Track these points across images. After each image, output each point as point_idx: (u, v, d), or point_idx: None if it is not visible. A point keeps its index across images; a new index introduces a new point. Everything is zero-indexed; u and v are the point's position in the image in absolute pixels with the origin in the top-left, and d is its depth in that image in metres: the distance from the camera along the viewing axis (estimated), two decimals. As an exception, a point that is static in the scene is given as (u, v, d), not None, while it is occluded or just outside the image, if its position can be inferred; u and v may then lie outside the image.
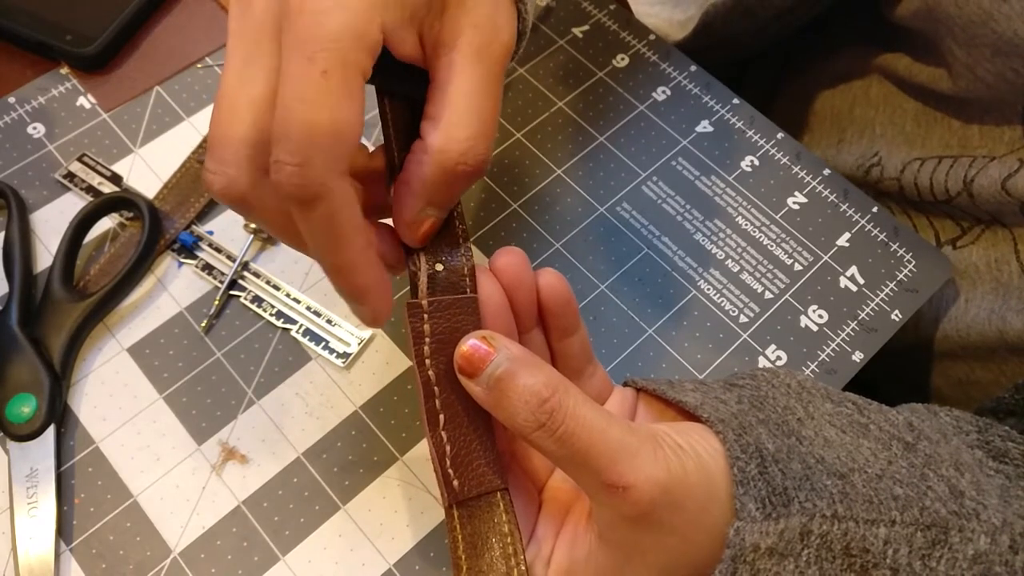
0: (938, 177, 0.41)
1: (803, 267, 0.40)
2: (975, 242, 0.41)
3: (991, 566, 0.26)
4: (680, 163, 0.43)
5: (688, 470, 0.25)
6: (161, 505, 0.33)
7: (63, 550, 0.33)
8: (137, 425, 0.35)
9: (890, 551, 0.25)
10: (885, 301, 0.40)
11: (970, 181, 0.39)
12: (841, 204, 0.42)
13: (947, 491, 0.27)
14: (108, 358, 0.36)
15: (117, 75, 0.43)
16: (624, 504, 0.24)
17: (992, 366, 0.41)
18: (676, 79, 0.45)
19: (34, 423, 0.34)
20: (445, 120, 0.25)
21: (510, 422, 0.25)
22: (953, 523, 0.26)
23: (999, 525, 0.27)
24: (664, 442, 0.25)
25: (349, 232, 0.24)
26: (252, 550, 0.33)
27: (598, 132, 0.44)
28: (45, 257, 0.38)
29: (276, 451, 0.35)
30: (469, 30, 0.25)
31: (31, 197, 0.40)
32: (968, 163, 0.40)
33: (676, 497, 0.24)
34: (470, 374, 0.26)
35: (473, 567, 0.26)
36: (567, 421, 0.24)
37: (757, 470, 0.25)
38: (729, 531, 0.25)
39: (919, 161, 0.42)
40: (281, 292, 0.38)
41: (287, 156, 0.23)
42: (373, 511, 0.34)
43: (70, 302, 0.36)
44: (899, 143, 0.45)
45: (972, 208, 0.40)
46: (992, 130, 0.40)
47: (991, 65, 0.37)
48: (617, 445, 0.24)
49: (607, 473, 0.24)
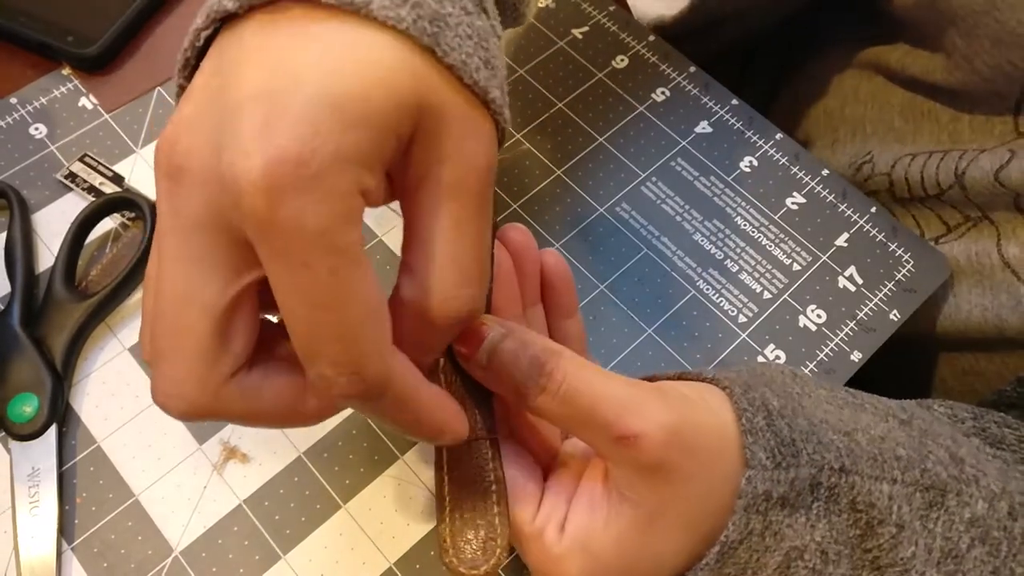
0: (929, 171, 0.41)
1: (802, 267, 0.41)
2: (959, 238, 0.41)
3: (988, 530, 0.26)
4: (679, 164, 0.43)
5: (698, 414, 0.25)
6: (162, 504, 0.34)
7: (64, 549, 0.33)
8: (139, 424, 0.35)
9: (895, 507, 0.25)
10: (884, 301, 0.40)
11: (961, 173, 0.39)
12: (840, 204, 0.42)
13: (947, 456, 0.27)
14: (110, 357, 0.37)
15: (119, 76, 0.43)
16: (638, 454, 0.24)
17: (996, 357, 0.41)
18: (675, 80, 0.46)
19: (36, 422, 0.34)
20: (421, 272, 0.22)
21: (512, 393, 0.25)
22: (952, 486, 0.26)
23: (998, 492, 0.27)
24: (670, 393, 0.25)
25: (423, 394, 0.23)
26: (253, 549, 0.33)
27: (597, 133, 0.44)
28: (47, 257, 0.38)
29: (277, 450, 0.35)
30: (436, 166, 0.21)
31: (33, 197, 0.40)
32: (958, 156, 0.40)
33: (689, 440, 0.24)
34: (468, 354, 0.25)
35: (457, 507, 0.26)
36: (568, 380, 0.24)
37: (764, 422, 0.25)
38: (741, 480, 0.24)
39: (910, 156, 0.43)
40: None
41: (335, 369, 0.20)
42: (374, 510, 0.34)
43: (72, 302, 0.36)
44: (889, 140, 0.45)
45: (963, 201, 0.40)
46: (982, 123, 0.40)
47: (989, 56, 0.37)
48: (623, 398, 0.24)
49: (616, 426, 0.24)
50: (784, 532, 0.25)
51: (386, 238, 0.40)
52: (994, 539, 0.26)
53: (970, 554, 0.26)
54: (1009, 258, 0.39)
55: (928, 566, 0.26)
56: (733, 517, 0.24)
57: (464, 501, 0.26)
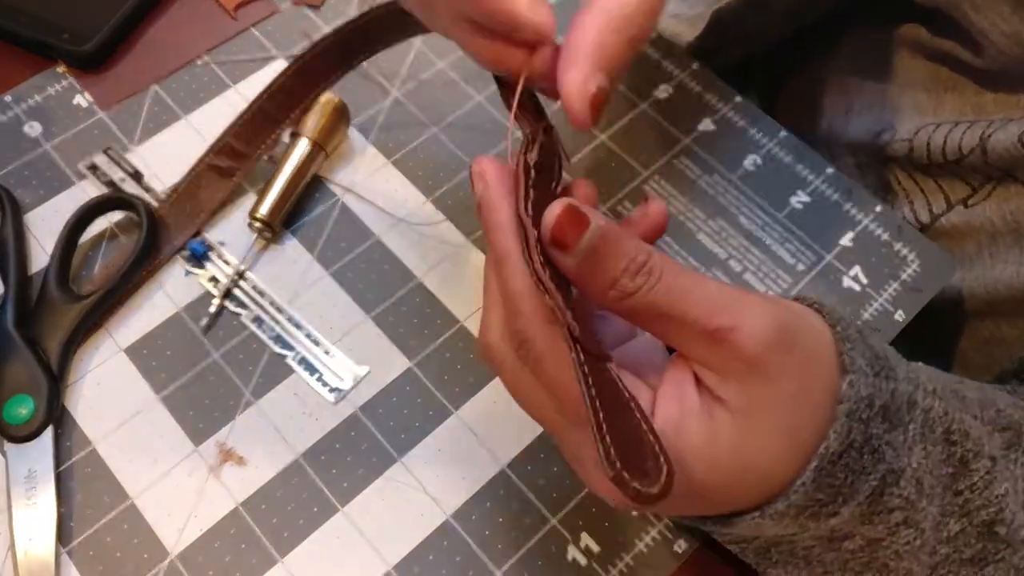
0: (953, 137, 0.40)
1: (806, 267, 0.40)
2: (987, 198, 0.41)
3: None
4: (682, 162, 0.43)
5: (794, 315, 0.24)
6: (159, 507, 0.33)
7: (60, 552, 0.32)
8: (134, 426, 0.35)
9: (985, 441, 0.25)
10: (889, 301, 0.39)
11: (987, 138, 0.39)
12: (844, 203, 0.42)
13: (1011, 401, 0.27)
14: (105, 358, 0.36)
15: (114, 73, 0.43)
16: (734, 349, 0.22)
17: (1020, 321, 0.40)
18: (678, 77, 0.45)
19: (32, 424, 0.34)
20: None
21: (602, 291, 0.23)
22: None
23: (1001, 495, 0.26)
24: (765, 295, 0.24)
25: None
26: (250, 552, 0.33)
27: (599, 131, 0.43)
28: (42, 256, 0.38)
29: (274, 452, 0.35)
30: None
31: (27, 196, 0.39)
32: (986, 124, 0.40)
33: (787, 337, 0.23)
34: (570, 242, 0.23)
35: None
36: (664, 277, 0.23)
37: (857, 334, 0.24)
38: (843, 383, 0.23)
39: (934, 125, 0.42)
40: (283, 315, 0.37)
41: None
42: (372, 513, 0.34)
43: (66, 303, 0.36)
44: (910, 112, 0.44)
45: (983, 166, 0.40)
46: (1007, 98, 0.40)
47: (1007, 26, 0.36)
48: (717, 296, 0.23)
49: (711, 320, 0.22)
50: (883, 450, 0.24)
51: (384, 238, 0.40)
52: None
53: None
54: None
55: (1018, 507, 0.25)
56: (835, 424, 0.23)
57: (614, 422, 0.22)
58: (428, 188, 0.41)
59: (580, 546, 0.33)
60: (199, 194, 0.39)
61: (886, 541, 0.25)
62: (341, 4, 0.46)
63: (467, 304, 0.38)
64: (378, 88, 0.44)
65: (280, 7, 0.46)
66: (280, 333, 0.37)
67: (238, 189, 0.40)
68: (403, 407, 0.36)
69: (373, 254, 0.39)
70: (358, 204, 0.41)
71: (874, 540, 0.25)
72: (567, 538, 0.34)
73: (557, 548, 0.33)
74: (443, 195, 0.41)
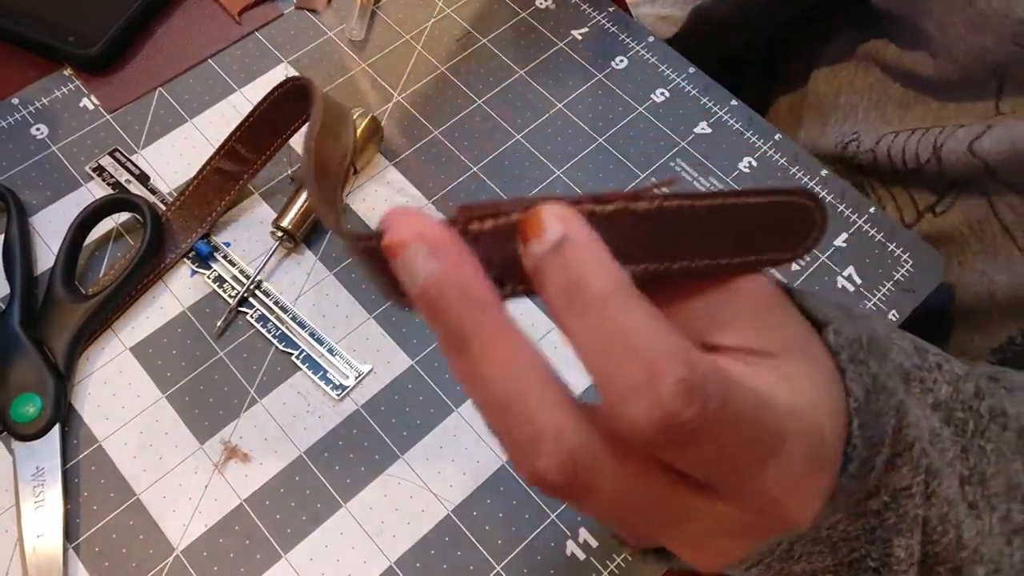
0: (910, 145, 0.42)
1: (800, 267, 0.41)
2: (952, 206, 0.42)
3: (952, 412, 0.25)
4: (678, 164, 0.43)
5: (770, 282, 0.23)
6: (163, 503, 0.34)
7: (67, 548, 0.33)
8: (140, 424, 0.35)
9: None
10: (882, 301, 0.40)
11: (939, 146, 0.40)
12: (839, 205, 0.42)
13: (911, 347, 0.26)
14: (111, 357, 0.37)
15: (120, 76, 0.43)
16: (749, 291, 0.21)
17: (990, 331, 0.41)
18: (674, 81, 0.46)
19: (39, 422, 0.34)
20: None
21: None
22: (914, 375, 0.25)
23: (962, 375, 0.26)
24: None
25: None
26: (254, 548, 0.33)
27: (597, 134, 0.44)
28: (48, 257, 0.39)
29: (278, 450, 0.35)
30: None
31: (34, 198, 0.40)
32: (939, 131, 0.41)
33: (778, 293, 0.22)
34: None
35: None
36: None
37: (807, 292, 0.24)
38: (827, 335, 0.22)
39: (894, 133, 0.43)
40: (288, 315, 0.38)
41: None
42: (374, 509, 0.34)
43: (72, 303, 0.36)
44: (879, 124, 0.45)
45: (940, 174, 0.41)
46: (967, 107, 0.41)
47: (965, 44, 0.37)
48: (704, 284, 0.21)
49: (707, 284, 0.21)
50: (888, 384, 0.23)
51: (386, 238, 0.40)
52: (958, 419, 0.25)
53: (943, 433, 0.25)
54: (1007, 223, 0.39)
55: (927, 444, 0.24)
56: (847, 374, 0.21)
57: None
58: (429, 190, 0.42)
59: (579, 541, 0.34)
60: (205, 197, 0.40)
61: (913, 487, 0.23)
62: (343, 8, 0.47)
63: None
64: (380, 92, 0.44)
65: (283, 11, 0.46)
66: (285, 332, 0.37)
67: (245, 192, 0.41)
68: (405, 405, 0.36)
69: (375, 255, 0.40)
70: (361, 206, 0.41)
71: (899, 491, 0.23)
72: (566, 533, 0.34)
73: (556, 543, 0.34)
74: (444, 197, 0.42)
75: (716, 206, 0.21)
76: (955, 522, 0.24)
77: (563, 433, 0.17)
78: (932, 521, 0.24)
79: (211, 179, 0.40)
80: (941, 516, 0.24)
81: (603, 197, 0.19)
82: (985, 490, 0.25)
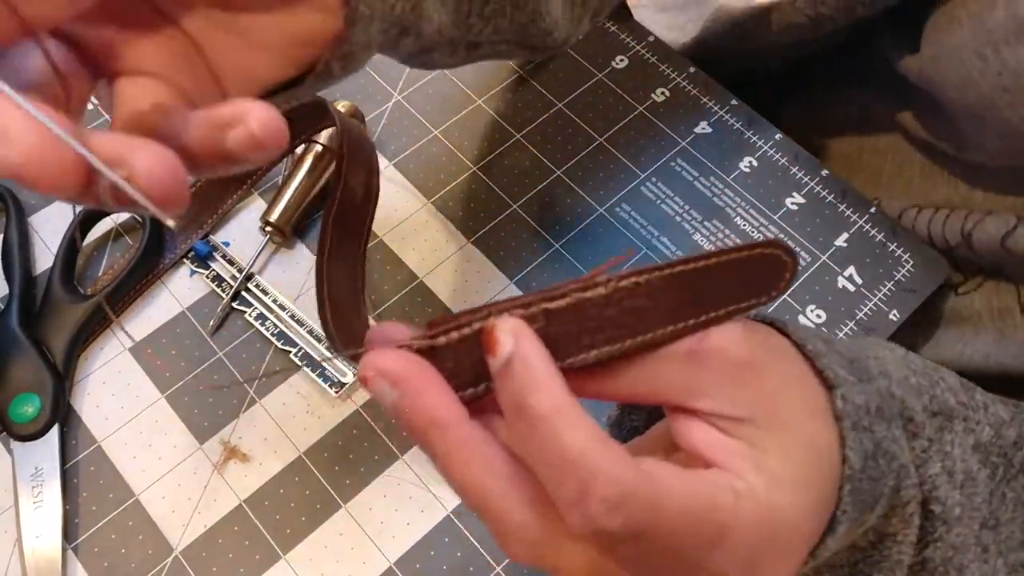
0: (935, 227, 0.41)
1: (801, 267, 0.41)
2: (977, 289, 0.41)
3: (988, 455, 0.26)
4: (679, 164, 0.43)
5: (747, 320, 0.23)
6: (163, 504, 0.34)
7: (66, 548, 0.33)
8: (139, 424, 0.35)
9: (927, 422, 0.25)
10: (883, 301, 0.40)
11: (968, 234, 0.39)
12: (839, 204, 0.42)
13: (958, 384, 0.27)
14: (110, 357, 0.37)
15: (119, 76, 0.43)
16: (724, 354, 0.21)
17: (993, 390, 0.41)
18: (675, 80, 0.46)
19: (38, 423, 0.34)
20: None
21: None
22: (959, 412, 0.26)
23: (1007, 420, 0.27)
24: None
25: None
26: (253, 549, 0.33)
27: (597, 133, 0.44)
28: (47, 257, 0.39)
29: (278, 450, 0.35)
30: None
31: (33, 198, 0.40)
32: (964, 215, 0.40)
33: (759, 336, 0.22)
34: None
35: None
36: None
37: (824, 344, 0.24)
38: (835, 399, 0.22)
39: (917, 208, 0.42)
40: (286, 312, 0.38)
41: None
42: (374, 510, 0.34)
43: (71, 303, 0.36)
44: (902, 196, 0.44)
45: (973, 258, 0.40)
46: (997, 198, 0.40)
47: (998, 144, 0.37)
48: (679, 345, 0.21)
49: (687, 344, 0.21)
50: (892, 449, 0.23)
51: (386, 238, 0.40)
52: (992, 464, 0.26)
53: (979, 476, 0.26)
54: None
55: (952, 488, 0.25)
56: (847, 441, 0.22)
57: None
58: (429, 190, 0.42)
59: (579, 542, 0.34)
60: (205, 198, 0.40)
61: (899, 535, 0.24)
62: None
63: (468, 304, 0.39)
64: (380, 91, 0.44)
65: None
66: (283, 329, 0.37)
67: (245, 193, 0.41)
68: (404, 405, 0.36)
69: (375, 255, 0.40)
70: (360, 205, 0.41)
71: (885, 535, 0.24)
72: (566, 534, 0.34)
73: (557, 544, 0.34)
74: (444, 197, 0.42)
75: (676, 274, 0.21)
76: (958, 566, 0.25)
77: (525, 530, 0.20)
78: (934, 561, 0.25)
79: (213, 182, 0.40)
80: (945, 559, 0.25)
81: (555, 293, 0.20)
82: (997, 535, 0.26)
